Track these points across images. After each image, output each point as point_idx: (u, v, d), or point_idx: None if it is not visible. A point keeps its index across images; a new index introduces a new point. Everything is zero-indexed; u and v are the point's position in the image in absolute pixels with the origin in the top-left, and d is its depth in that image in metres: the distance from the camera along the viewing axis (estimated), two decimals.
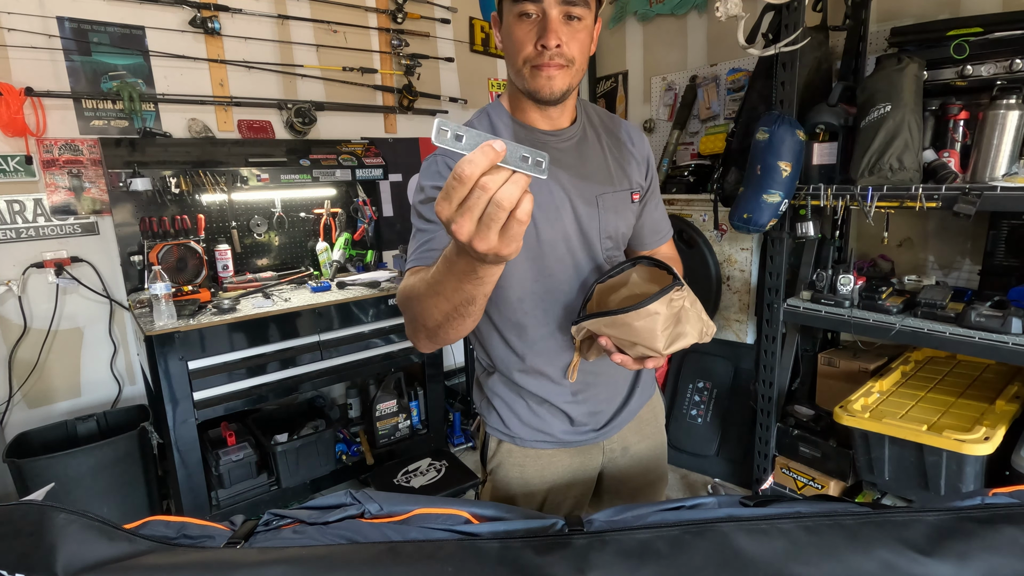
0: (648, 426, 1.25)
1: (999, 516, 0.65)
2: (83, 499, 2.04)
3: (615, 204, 1.08)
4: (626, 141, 1.14)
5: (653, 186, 1.18)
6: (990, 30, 1.76)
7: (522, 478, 1.16)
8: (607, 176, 1.08)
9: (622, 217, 1.09)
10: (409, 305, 0.86)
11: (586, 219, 1.05)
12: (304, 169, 2.60)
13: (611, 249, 1.10)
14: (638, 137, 1.15)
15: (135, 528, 0.70)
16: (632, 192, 1.11)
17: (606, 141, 1.11)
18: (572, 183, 1.04)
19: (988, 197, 1.64)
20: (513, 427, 1.15)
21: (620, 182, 1.10)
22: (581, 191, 1.04)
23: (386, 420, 2.77)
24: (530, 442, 1.15)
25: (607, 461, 1.22)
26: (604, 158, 1.09)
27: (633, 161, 1.13)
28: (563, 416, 1.13)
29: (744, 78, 2.77)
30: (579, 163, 1.06)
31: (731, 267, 2.61)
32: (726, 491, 2.57)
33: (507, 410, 1.15)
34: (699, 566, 0.63)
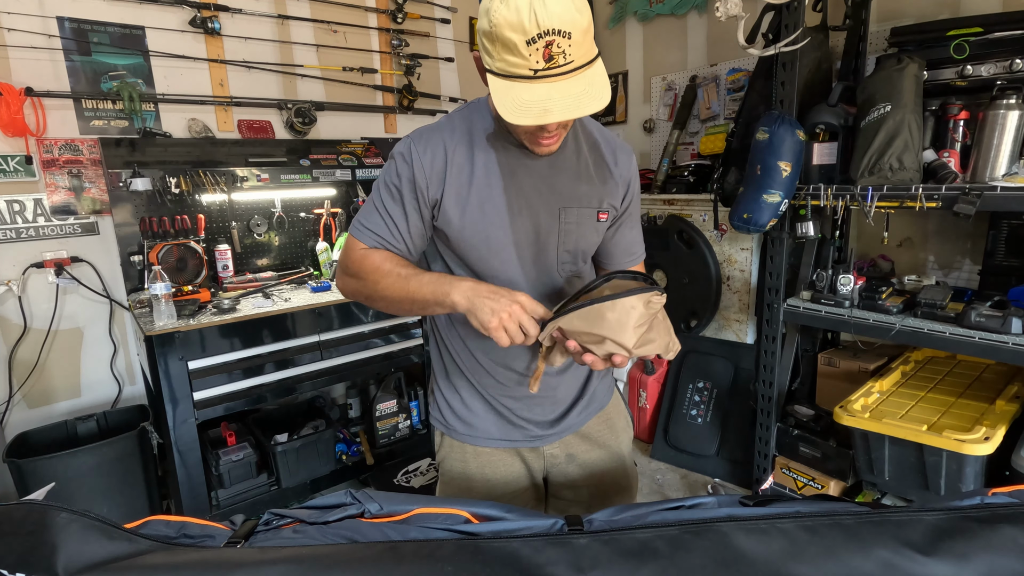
0: (602, 436, 1.23)
1: (998, 516, 0.65)
2: (83, 499, 2.04)
3: (578, 220, 1.06)
4: (609, 161, 1.10)
5: (631, 209, 1.16)
6: (990, 30, 1.76)
7: (464, 473, 1.19)
8: (574, 191, 1.05)
9: (584, 234, 1.08)
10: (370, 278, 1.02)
11: (544, 229, 1.04)
12: (304, 169, 2.61)
13: (568, 263, 1.09)
14: (624, 158, 1.12)
15: (135, 528, 0.70)
16: (599, 211, 1.08)
17: (587, 156, 1.08)
18: (536, 191, 1.03)
19: (988, 197, 1.64)
20: (449, 419, 1.19)
21: (588, 199, 1.07)
22: (545, 201, 1.03)
23: (386, 420, 2.77)
24: (464, 436, 1.18)
25: (550, 467, 1.21)
26: (577, 173, 1.06)
27: (610, 181, 1.09)
28: (494, 414, 1.15)
29: (744, 78, 2.77)
30: (549, 173, 1.04)
31: (731, 267, 2.61)
32: (726, 491, 2.57)
33: (443, 401, 1.20)
34: (699, 566, 0.63)
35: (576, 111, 0.83)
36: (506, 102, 0.84)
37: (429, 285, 0.96)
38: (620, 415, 1.28)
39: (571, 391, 1.18)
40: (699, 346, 2.82)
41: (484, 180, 1.02)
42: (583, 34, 0.81)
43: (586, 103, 0.83)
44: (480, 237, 1.03)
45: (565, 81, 0.83)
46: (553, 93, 0.83)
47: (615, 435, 1.25)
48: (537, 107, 0.83)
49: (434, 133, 1.04)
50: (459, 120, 1.05)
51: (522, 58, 0.81)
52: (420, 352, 2.72)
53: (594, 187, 1.07)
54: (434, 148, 1.01)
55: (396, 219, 1.03)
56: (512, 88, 0.84)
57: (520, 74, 0.83)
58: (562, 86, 0.83)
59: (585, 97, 0.83)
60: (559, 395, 1.16)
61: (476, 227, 1.02)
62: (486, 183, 1.02)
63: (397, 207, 1.03)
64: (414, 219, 1.03)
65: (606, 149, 1.10)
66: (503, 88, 0.85)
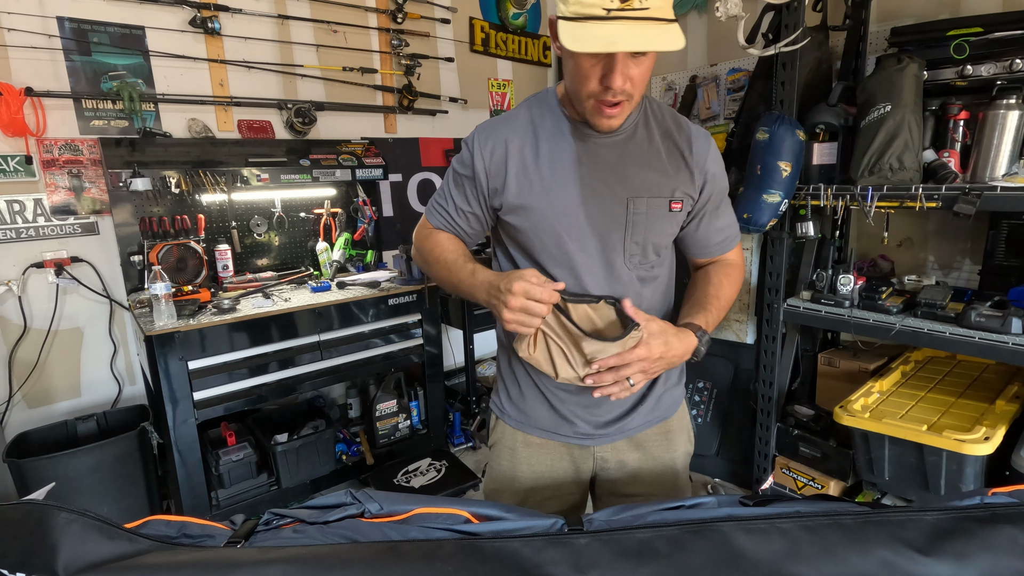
0: (657, 447, 1.19)
1: (998, 516, 0.65)
2: (83, 499, 2.04)
3: (647, 210, 1.03)
4: (683, 148, 1.05)
5: (714, 197, 1.09)
6: (990, 30, 1.76)
7: (512, 461, 1.19)
8: (644, 180, 1.02)
9: (654, 225, 1.04)
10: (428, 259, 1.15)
11: (611, 220, 1.03)
12: (304, 169, 2.61)
13: (637, 256, 1.06)
14: (700, 145, 1.06)
15: (136, 527, 0.70)
16: (672, 201, 1.04)
17: (660, 144, 1.04)
18: (603, 181, 1.02)
19: (988, 197, 1.64)
20: (504, 404, 1.20)
21: (659, 189, 1.03)
22: (613, 191, 1.02)
23: (386, 420, 2.77)
24: (516, 423, 1.19)
25: (599, 469, 1.19)
26: (647, 161, 1.03)
27: (684, 170, 1.05)
28: (547, 406, 1.14)
29: (744, 78, 2.77)
30: (617, 162, 1.02)
31: None
32: (726, 491, 2.57)
33: (503, 388, 1.21)
34: (699, 565, 0.63)
35: (644, 44, 0.81)
36: (575, 35, 0.82)
37: (466, 282, 1.05)
38: (682, 429, 1.23)
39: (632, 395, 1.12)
40: None
41: (548, 170, 1.03)
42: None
43: (656, 41, 0.81)
44: (543, 228, 1.04)
45: (639, 24, 0.81)
46: (624, 30, 0.81)
47: (671, 449, 1.20)
48: (605, 39, 0.81)
49: (499, 125, 1.07)
50: (523, 111, 1.07)
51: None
52: (420, 352, 2.72)
53: (667, 176, 1.03)
54: (495, 140, 1.05)
55: (459, 204, 1.10)
56: (584, 26, 0.82)
57: (593, 14, 0.81)
58: (634, 26, 0.81)
59: (656, 38, 0.81)
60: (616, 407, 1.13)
61: (539, 218, 1.04)
62: (550, 173, 1.02)
63: (459, 194, 1.10)
64: (474, 207, 1.10)
65: (680, 136, 1.06)
66: (574, 27, 0.83)
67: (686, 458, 1.24)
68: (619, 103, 0.92)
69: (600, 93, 0.90)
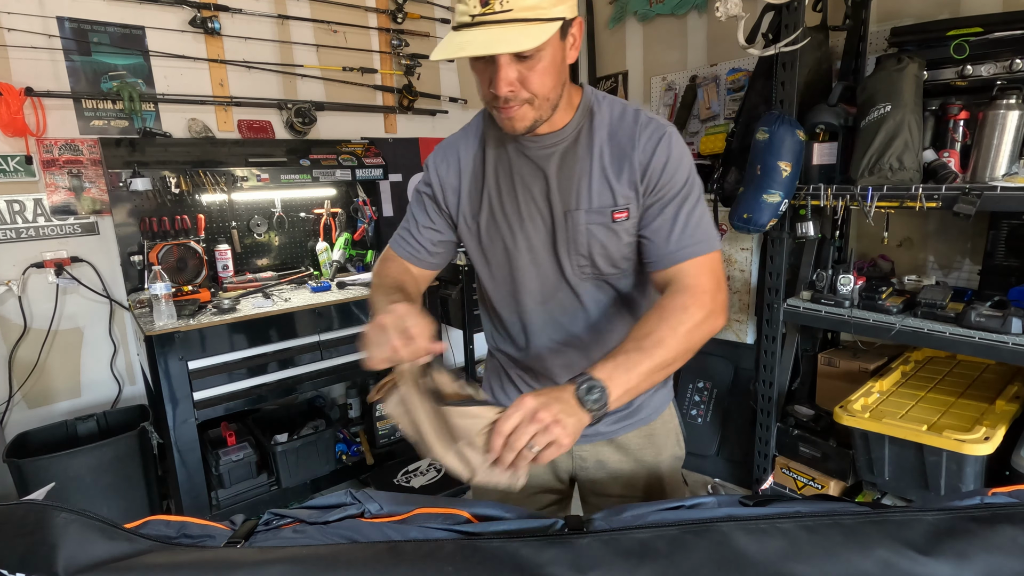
0: (640, 450, 1.16)
1: (998, 516, 0.65)
2: (83, 499, 2.04)
3: (587, 223, 0.98)
4: (627, 147, 0.96)
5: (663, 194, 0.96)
6: (990, 30, 1.76)
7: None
8: (583, 192, 0.97)
9: (597, 237, 0.98)
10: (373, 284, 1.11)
11: (554, 234, 1.01)
12: (304, 169, 2.61)
13: (586, 266, 1.02)
14: (646, 140, 0.96)
15: (135, 528, 0.70)
16: (614, 211, 0.97)
17: (603, 149, 0.98)
18: (544, 195, 1.00)
19: (988, 197, 1.64)
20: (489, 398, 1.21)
21: (599, 199, 0.97)
22: (553, 204, 0.99)
23: (386, 420, 2.77)
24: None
25: (578, 469, 1.18)
26: (588, 170, 0.97)
27: (627, 171, 0.96)
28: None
29: (744, 78, 2.77)
30: (558, 174, 0.98)
31: (731, 267, 2.61)
32: (726, 491, 2.57)
33: (487, 386, 1.24)
34: (698, 565, 0.63)
35: (487, 48, 0.79)
36: (440, 45, 0.84)
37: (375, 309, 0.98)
38: (669, 433, 1.20)
39: None
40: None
41: (495, 186, 1.03)
42: None
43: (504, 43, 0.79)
44: (495, 244, 1.05)
45: (497, 27, 0.79)
46: (479, 35, 0.80)
47: (656, 451, 1.17)
48: (455, 46, 0.81)
49: (453, 143, 1.08)
50: (474, 125, 1.07)
51: (464, 3, 0.81)
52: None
53: (608, 184, 0.97)
54: (449, 159, 1.07)
55: (421, 221, 1.11)
56: (453, 35, 0.83)
57: (462, 22, 0.81)
58: (493, 29, 0.80)
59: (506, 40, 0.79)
60: None
61: (489, 234, 1.05)
62: (496, 189, 1.03)
63: (421, 212, 1.11)
64: (437, 222, 1.10)
65: (625, 134, 0.97)
66: (447, 37, 0.84)
67: (674, 462, 1.21)
68: (517, 106, 0.88)
69: (492, 99, 0.89)
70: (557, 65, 0.87)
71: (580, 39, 0.91)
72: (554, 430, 0.74)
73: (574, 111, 0.99)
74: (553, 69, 0.87)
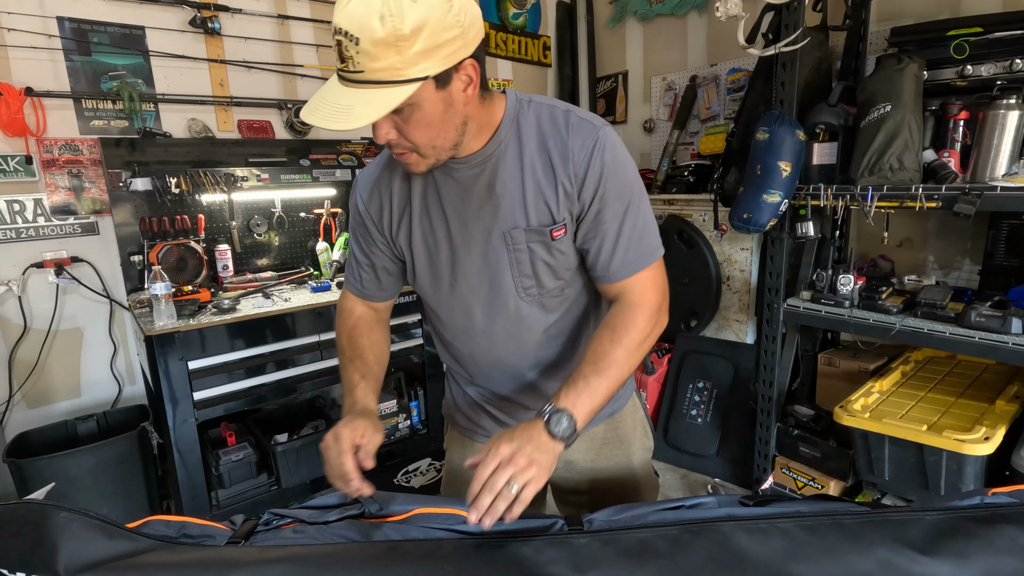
0: (608, 447, 1.16)
1: (998, 516, 0.65)
2: (83, 499, 2.04)
3: (527, 241, 0.94)
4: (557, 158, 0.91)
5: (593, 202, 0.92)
6: (990, 30, 1.76)
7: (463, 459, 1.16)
8: (518, 210, 0.93)
9: (539, 254, 0.95)
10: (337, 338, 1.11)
11: (493, 257, 0.96)
12: (304, 169, 2.60)
13: (532, 287, 0.98)
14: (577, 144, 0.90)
15: (136, 527, 0.70)
16: (552, 229, 0.93)
17: (533, 162, 0.92)
18: (478, 217, 0.95)
19: (988, 197, 1.64)
20: (452, 411, 1.21)
21: (536, 216, 0.93)
22: (487, 227, 0.94)
23: (386, 420, 2.76)
24: (464, 429, 1.19)
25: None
26: (521, 186, 0.92)
27: (560, 182, 0.91)
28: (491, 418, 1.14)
29: (744, 78, 2.77)
30: (488, 195, 0.93)
31: (731, 267, 2.61)
32: (726, 491, 2.57)
33: (450, 393, 1.21)
34: (698, 565, 0.63)
35: (328, 121, 0.76)
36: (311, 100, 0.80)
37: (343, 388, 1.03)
38: (635, 425, 1.19)
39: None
40: (699, 346, 2.82)
41: (423, 214, 0.99)
42: (378, 46, 0.71)
43: (340, 116, 0.75)
44: (430, 273, 1.02)
45: (356, 89, 0.76)
46: (338, 98, 0.77)
47: (622, 444, 1.17)
48: (310, 106, 0.79)
49: (374, 168, 1.04)
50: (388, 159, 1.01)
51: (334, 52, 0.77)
52: (420, 352, 2.72)
53: (542, 197, 0.92)
54: (372, 191, 1.03)
55: (359, 258, 1.09)
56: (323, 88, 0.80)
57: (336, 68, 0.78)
58: (350, 93, 0.76)
59: (346, 113, 0.75)
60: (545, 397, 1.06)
61: (424, 264, 1.02)
62: (426, 216, 0.99)
63: (358, 247, 1.09)
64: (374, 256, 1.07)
65: (555, 140, 0.91)
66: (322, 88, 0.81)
67: (644, 453, 1.21)
68: (404, 154, 0.86)
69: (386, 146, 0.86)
70: (439, 115, 0.82)
71: (477, 78, 0.83)
72: (530, 471, 0.76)
73: (495, 128, 0.92)
74: (433, 120, 0.82)
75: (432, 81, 0.77)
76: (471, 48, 0.80)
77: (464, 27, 0.76)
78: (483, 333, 1.03)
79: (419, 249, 1.01)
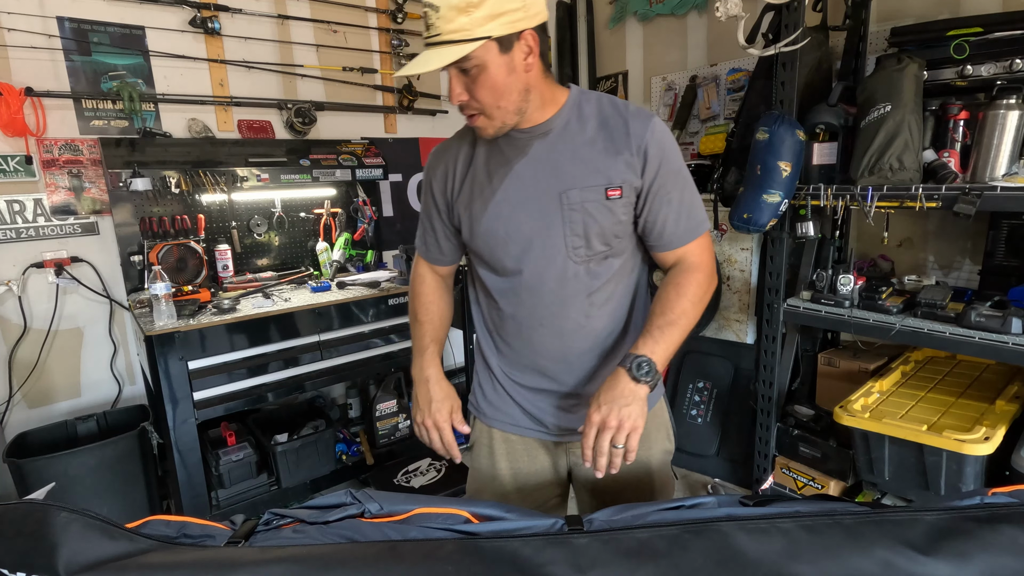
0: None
1: (998, 516, 0.65)
2: (83, 499, 2.04)
3: (582, 200, 1.03)
4: (618, 132, 1.03)
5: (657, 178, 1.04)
6: (990, 30, 1.76)
7: (490, 459, 1.23)
8: (576, 171, 1.03)
9: (592, 214, 1.03)
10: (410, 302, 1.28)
11: (548, 216, 1.04)
12: (304, 169, 2.61)
13: (581, 247, 1.05)
14: (638, 125, 1.02)
15: (136, 527, 0.70)
16: (608, 188, 1.02)
17: (595, 135, 1.03)
18: (535, 179, 1.05)
19: (988, 197, 1.64)
20: (480, 403, 1.25)
21: (592, 178, 1.02)
22: (546, 187, 1.04)
23: (386, 420, 2.77)
24: (491, 420, 1.22)
25: (573, 464, 1.21)
26: (579, 153, 1.03)
27: (621, 155, 1.02)
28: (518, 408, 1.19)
29: (744, 78, 2.77)
30: (548, 158, 1.04)
31: (731, 267, 2.61)
32: (726, 491, 2.57)
33: (478, 386, 1.26)
34: (698, 565, 0.63)
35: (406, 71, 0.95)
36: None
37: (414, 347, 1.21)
38: (660, 427, 1.22)
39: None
40: (699, 346, 2.82)
41: (484, 176, 1.09)
42: (452, 11, 0.89)
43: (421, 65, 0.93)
44: (486, 232, 1.09)
45: (435, 49, 0.92)
46: (420, 57, 0.94)
47: (647, 447, 1.18)
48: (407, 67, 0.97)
49: (445, 145, 1.17)
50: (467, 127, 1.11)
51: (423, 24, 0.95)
52: None
53: (601, 165, 1.03)
54: (441, 158, 1.16)
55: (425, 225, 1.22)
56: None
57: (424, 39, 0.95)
58: (431, 51, 0.93)
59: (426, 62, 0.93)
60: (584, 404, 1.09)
61: (481, 222, 1.09)
62: (486, 178, 1.08)
63: (426, 216, 1.21)
64: (437, 225, 1.20)
65: (616, 122, 1.03)
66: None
67: (664, 456, 1.23)
68: (474, 115, 1.00)
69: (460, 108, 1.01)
70: (502, 77, 0.95)
71: (536, 49, 0.96)
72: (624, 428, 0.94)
73: (559, 107, 1.05)
74: (497, 82, 0.95)
75: (496, 44, 0.92)
76: (531, 23, 0.94)
77: (526, 4, 0.92)
78: (530, 290, 1.09)
79: (477, 208, 1.09)
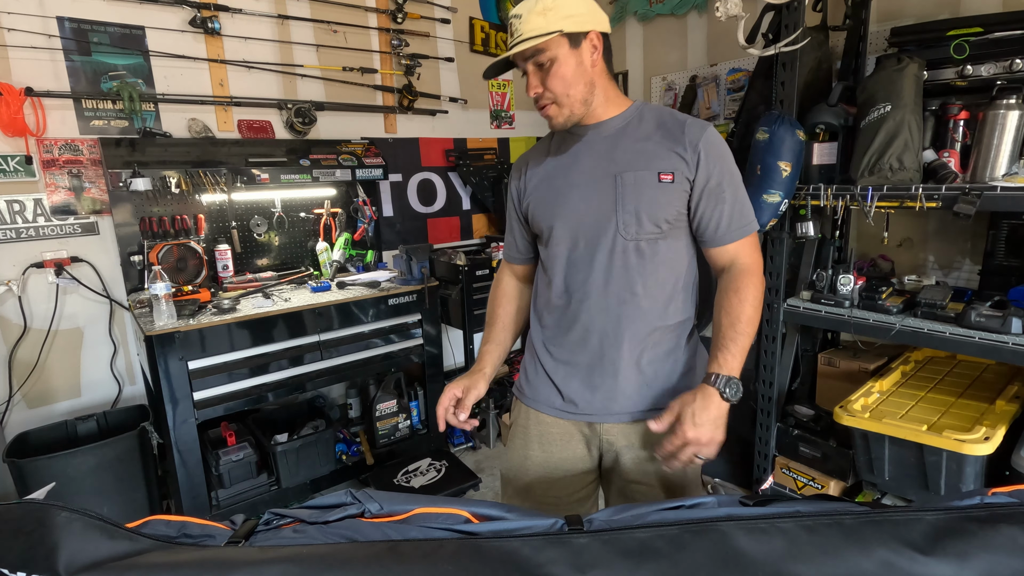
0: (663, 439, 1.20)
1: (998, 516, 0.65)
2: (83, 499, 2.04)
3: (635, 181, 1.13)
4: (675, 131, 1.15)
5: (711, 178, 1.14)
6: (990, 30, 1.76)
7: (524, 440, 1.29)
8: (633, 157, 1.15)
9: (644, 193, 1.13)
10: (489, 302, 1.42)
11: (603, 194, 1.16)
12: (304, 169, 2.61)
13: (632, 225, 1.14)
14: (694, 129, 1.14)
15: (136, 527, 0.70)
16: (661, 172, 1.13)
17: (651, 132, 1.16)
18: (595, 166, 1.17)
19: (988, 197, 1.64)
20: (523, 385, 1.31)
21: (647, 163, 1.14)
22: (604, 171, 1.16)
23: (386, 420, 2.77)
24: (528, 400, 1.28)
25: (605, 451, 1.24)
26: (637, 144, 1.15)
27: (676, 151, 1.13)
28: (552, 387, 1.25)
29: (744, 78, 2.77)
30: (608, 148, 1.17)
31: None
32: (726, 491, 2.57)
33: (523, 371, 1.33)
34: (699, 565, 0.63)
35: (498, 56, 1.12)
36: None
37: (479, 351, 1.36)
38: None
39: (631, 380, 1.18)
40: None
41: (554, 169, 1.24)
42: (532, 14, 1.06)
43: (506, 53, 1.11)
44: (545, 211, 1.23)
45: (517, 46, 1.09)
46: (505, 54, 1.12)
47: None
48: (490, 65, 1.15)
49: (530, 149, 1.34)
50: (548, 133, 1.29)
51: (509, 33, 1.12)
52: (420, 352, 2.72)
53: (655, 153, 1.14)
54: (520, 163, 1.32)
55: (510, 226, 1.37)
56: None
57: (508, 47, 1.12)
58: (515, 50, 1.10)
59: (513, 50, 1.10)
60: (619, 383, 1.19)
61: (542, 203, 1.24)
62: (555, 170, 1.23)
63: (510, 222, 1.36)
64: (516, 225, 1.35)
65: (673, 125, 1.16)
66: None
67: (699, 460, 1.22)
68: (547, 105, 1.13)
69: (535, 101, 1.16)
70: (571, 70, 1.10)
71: (600, 48, 1.12)
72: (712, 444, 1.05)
73: (622, 109, 1.19)
74: (567, 73, 1.10)
75: (566, 40, 1.08)
76: (597, 26, 1.11)
77: (592, 11, 1.11)
78: (581, 263, 1.19)
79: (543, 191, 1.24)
